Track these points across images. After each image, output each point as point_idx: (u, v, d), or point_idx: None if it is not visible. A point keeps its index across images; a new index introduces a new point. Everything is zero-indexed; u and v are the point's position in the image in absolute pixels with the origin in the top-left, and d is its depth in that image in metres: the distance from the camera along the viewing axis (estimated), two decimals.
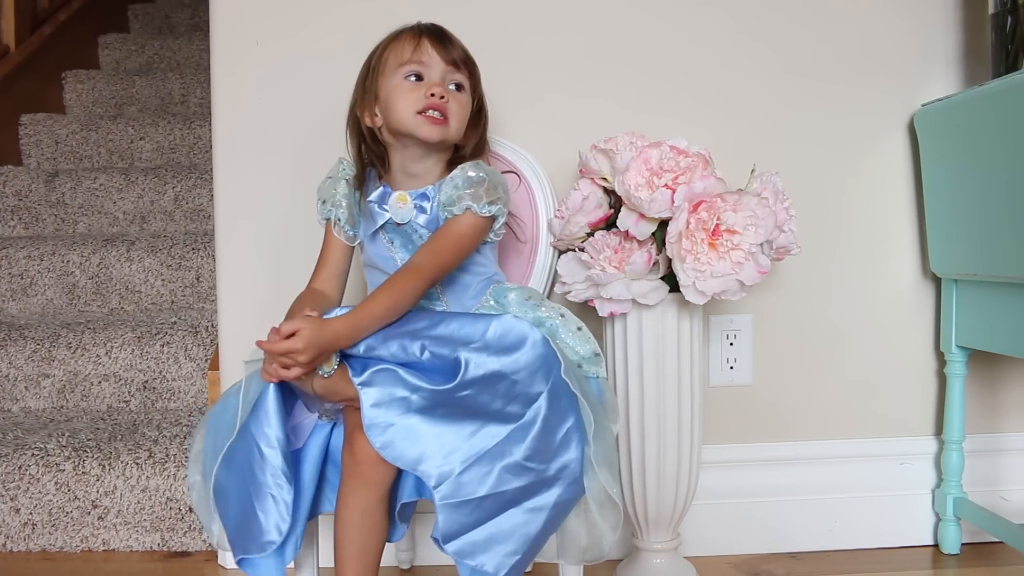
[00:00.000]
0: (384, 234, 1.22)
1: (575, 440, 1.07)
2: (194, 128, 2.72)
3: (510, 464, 1.03)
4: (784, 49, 1.57)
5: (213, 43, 1.52)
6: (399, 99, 1.16)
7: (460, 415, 1.04)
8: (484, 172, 1.17)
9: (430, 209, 1.18)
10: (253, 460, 1.06)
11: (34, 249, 2.21)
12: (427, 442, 1.02)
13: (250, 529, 1.07)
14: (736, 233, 1.25)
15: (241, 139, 1.52)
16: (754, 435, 1.59)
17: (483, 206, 1.15)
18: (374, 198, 1.21)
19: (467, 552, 1.02)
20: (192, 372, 1.94)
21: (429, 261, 1.13)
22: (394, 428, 1.03)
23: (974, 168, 1.38)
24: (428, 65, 1.18)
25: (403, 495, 1.10)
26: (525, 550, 1.04)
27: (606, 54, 1.54)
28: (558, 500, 1.06)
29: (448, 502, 1.01)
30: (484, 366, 1.05)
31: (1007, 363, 1.62)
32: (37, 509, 1.61)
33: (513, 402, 1.05)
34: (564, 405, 1.07)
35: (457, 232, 1.16)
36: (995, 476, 1.62)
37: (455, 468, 1.02)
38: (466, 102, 1.20)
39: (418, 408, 1.03)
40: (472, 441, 1.03)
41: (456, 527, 1.02)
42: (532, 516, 1.04)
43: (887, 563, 1.53)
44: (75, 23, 3.10)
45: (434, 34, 1.20)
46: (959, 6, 1.58)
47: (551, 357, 1.08)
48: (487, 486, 1.02)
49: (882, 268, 1.60)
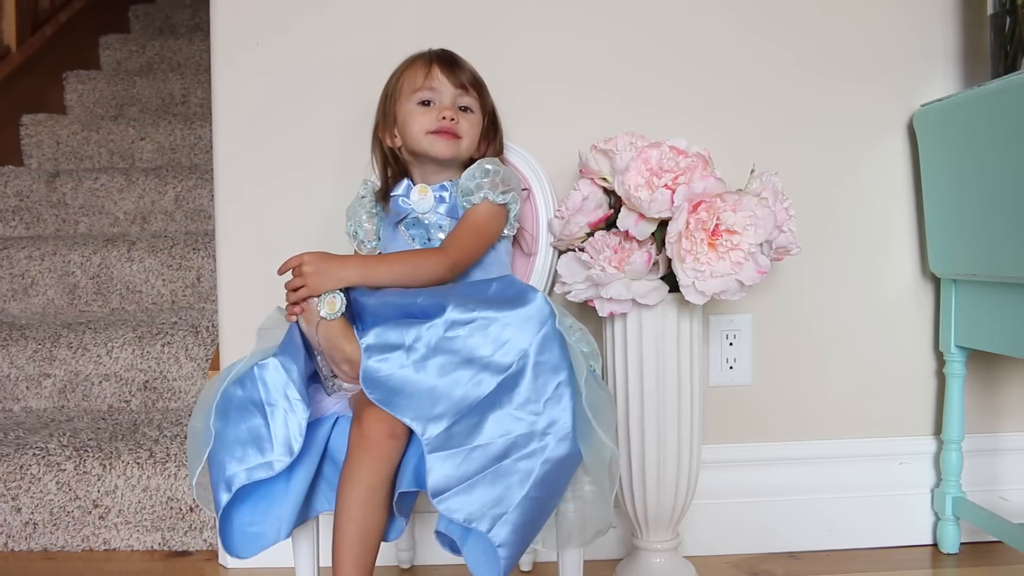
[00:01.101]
0: (404, 228, 1.29)
1: (567, 395, 1.06)
2: (195, 128, 2.72)
3: (500, 414, 1.04)
4: (783, 50, 1.57)
5: (214, 43, 1.52)
6: (413, 123, 1.28)
7: (451, 366, 1.06)
8: (499, 167, 1.28)
9: (450, 198, 1.28)
10: (270, 378, 1.10)
11: (35, 249, 2.21)
12: (420, 396, 1.05)
13: (259, 448, 1.08)
14: (736, 233, 1.25)
15: (241, 140, 1.52)
16: (754, 435, 1.59)
17: (498, 194, 1.25)
18: (399, 191, 1.31)
19: (456, 508, 1.02)
20: (193, 372, 1.95)
21: (453, 246, 1.23)
22: (391, 382, 1.06)
23: (973, 168, 1.39)
24: (439, 91, 1.28)
25: (402, 483, 1.09)
26: (515, 507, 1.02)
27: (606, 54, 1.54)
28: (548, 456, 1.04)
29: (438, 453, 1.02)
30: (475, 309, 1.08)
31: (1006, 363, 1.63)
32: (38, 509, 1.61)
33: (504, 348, 1.07)
34: (556, 357, 1.07)
35: (476, 220, 1.25)
36: (994, 476, 1.62)
37: (445, 418, 1.03)
38: (476, 120, 1.31)
39: (413, 361, 1.06)
40: (463, 391, 1.05)
41: (445, 480, 1.02)
42: (521, 471, 1.03)
43: (886, 563, 1.54)
44: (76, 24, 3.11)
45: (444, 61, 1.30)
46: (958, 6, 1.58)
47: (547, 310, 1.09)
48: (476, 437, 1.03)
49: (881, 268, 1.60)
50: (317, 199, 1.51)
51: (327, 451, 1.17)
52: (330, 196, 1.49)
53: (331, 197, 1.48)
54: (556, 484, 1.07)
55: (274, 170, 1.52)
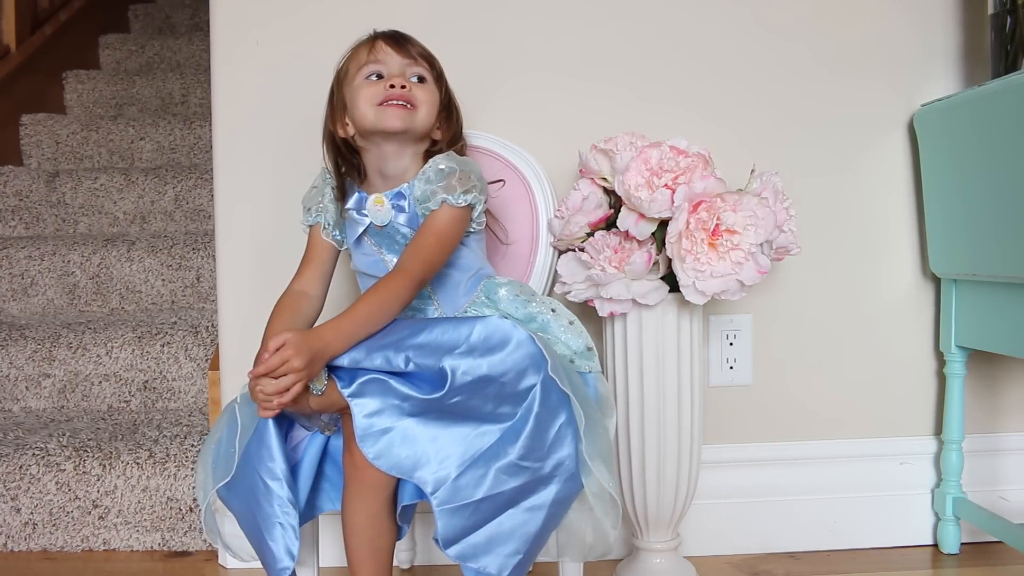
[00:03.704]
0: (369, 239, 1.21)
1: (568, 436, 1.06)
2: (194, 128, 2.72)
3: (505, 465, 1.03)
4: (783, 50, 1.57)
5: (213, 43, 1.52)
6: (360, 98, 1.16)
7: (452, 419, 1.04)
8: (455, 162, 1.16)
9: (407, 207, 1.17)
10: (259, 492, 1.06)
11: (35, 249, 2.21)
12: (422, 448, 1.03)
13: (263, 556, 1.08)
14: (736, 233, 1.25)
15: (241, 139, 1.52)
16: (754, 435, 1.59)
17: (458, 196, 1.14)
18: (351, 205, 1.21)
19: (469, 555, 1.03)
20: (192, 372, 1.94)
21: (413, 261, 1.13)
22: (387, 436, 1.03)
23: (974, 168, 1.38)
24: (385, 63, 1.18)
25: (403, 498, 1.10)
26: (526, 549, 1.05)
27: (606, 54, 1.54)
28: (556, 497, 1.06)
29: (446, 507, 1.01)
30: (471, 372, 1.04)
31: (1006, 363, 1.63)
32: (38, 509, 1.61)
33: (504, 403, 1.06)
34: (555, 402, 1.07)
35: (437, 228, 1.15)
36: (994, 476, 1.62)
37: (451, 473, 1.02)
38: (432, 89, 1.19)
39: (410, 413, 1.03)
40: (466, 444, 1.03)
41: (456, 531, 1.02)
42: (531, 515, 1.05)
43: (886, 563, 1.54)
44: (76, 23, 3.11)
45: (388, 36, 1.21)
46: (959, 6, 1.58)
47: (538, 355, 1.07)
48: (484, 488, 1.02)
49: (882, 268, 1.60)
50: None
51: (327, 451, 1.17)
52: None
53: None
54: (561, 519, 1.10)
55: (274, 168, 1.52)
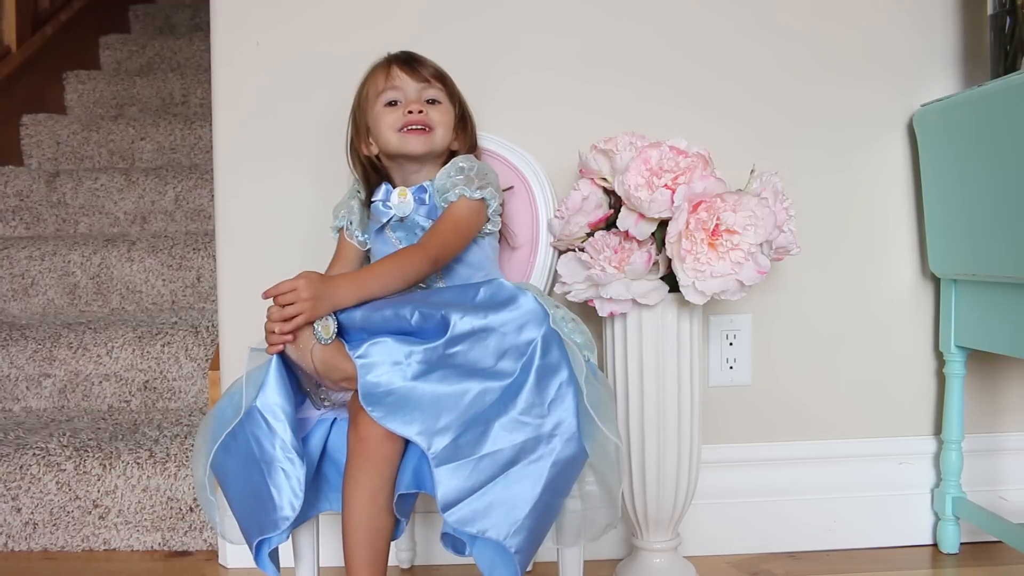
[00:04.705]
0: (390, 231, 1.29)
1: (569, 396, 1.07)
2: (195, 128, 2.72)
3: (505, 421, 1.04)
4: (783, 50, 1.57)
5: (214, 43, 1.52)
6: (382, 124, 1.28)
7: (454, 377, 1.06)
8: (473, 163, 1.28)
9: (428, 200, 1.27)
10: (261, 434, 1.08)
11: (35, 249, 2.21)
12: (423, 408, 1.04)
13: (263, 507, 1.08)
14: (736, 233, 1.25)
15: (242, 139, 1.52)
16: (754, 435, 1.59)
17: (474, 190, 1.24)
18: (379, 196, 1.29)
19: (468, 519, 1.01)
20: (193, 372, 1.95)
21: (431, 242, 1.22)
22: (392, 397, 1.05)
23: (973, 168, 1.39)
24: (401, 89, 1.29)
25: (401, 485, 1.09)
26: (531, 521, 1.02)
27: (606, 53, 1.54)
28: (557, 458, 1.05)
29: (445, 466, 1.01)
30: (472, 322, 1.08)
31: (1006, 363, 1.63)
32: (38, 509, 1.61)
33: (504, 357, 1.08)
34: (556, 357, 1.08)
35: (454, 216, 1.24)
36: (994, 476, 1.62)
37: (451, 430, 1.03)
38: (447, 109, 1.30)
39: (413, 375, 1.06)
40: (467, 402, 1.05)
41: (455, 492, 1.01)
42: (532, 475, 1.03)
43: (886, 563, 1.54)
44: (76, 23, 3.11)
45: (402, 60, 1.31)
46: (959, 7, 1.58)
47: (540, 312, 1.10)
48: (484, 446, 1.02)
49: (881, 268, 1.60)
50: (318, 197, 1.51)
51: (326, 451, 1.17)
52: (331, 194, 1.48)
53: (332, 195, 1.48)
54: (564, 485, 1.08)
55: (274, 168, 1.52)
